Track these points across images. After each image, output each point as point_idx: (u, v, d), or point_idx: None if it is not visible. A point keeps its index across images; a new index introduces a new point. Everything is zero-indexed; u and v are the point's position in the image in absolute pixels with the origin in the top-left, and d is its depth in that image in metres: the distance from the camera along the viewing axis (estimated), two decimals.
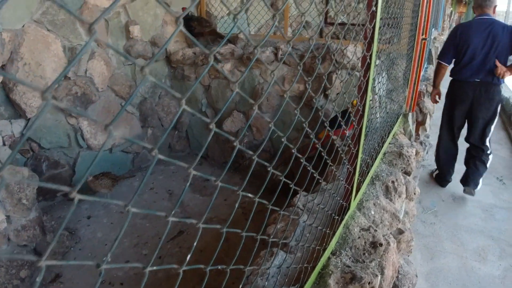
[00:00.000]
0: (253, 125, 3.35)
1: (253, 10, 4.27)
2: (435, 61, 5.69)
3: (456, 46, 3.17)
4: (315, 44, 3.10)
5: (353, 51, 2.75)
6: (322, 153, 1.33)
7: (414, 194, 2.21)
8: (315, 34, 1.09)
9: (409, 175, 2.25)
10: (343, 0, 1.62)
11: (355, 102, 2.68)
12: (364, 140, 1.65)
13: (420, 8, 2.85)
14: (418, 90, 3.89)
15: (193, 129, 3.85)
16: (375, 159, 2.13)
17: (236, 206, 0.85)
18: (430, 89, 4.33)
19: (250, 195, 0.93)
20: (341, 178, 1.66)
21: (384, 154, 2.39)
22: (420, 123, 4.02)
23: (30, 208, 2.55)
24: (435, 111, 5.80)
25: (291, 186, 1.06)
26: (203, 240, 2.58)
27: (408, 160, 2.27)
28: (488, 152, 3.39)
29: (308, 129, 1.02)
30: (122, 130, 3.61)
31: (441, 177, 3.65)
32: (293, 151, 0.99)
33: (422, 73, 4.79)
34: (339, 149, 1.42)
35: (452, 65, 3.36)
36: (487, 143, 3.34)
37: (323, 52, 1.18)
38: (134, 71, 3.62)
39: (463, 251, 2.91)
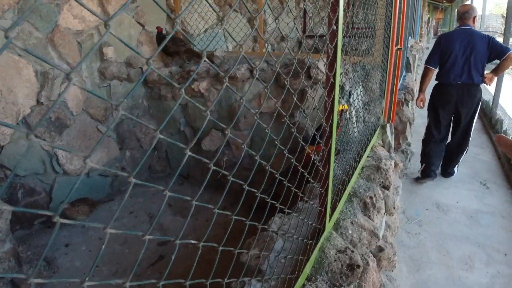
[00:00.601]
0: (232, 143, 3.30)
1: (231, 25, 4.26)
2: (413, 69, 5.73)
3: (440, 52, 3.51)
4: (291, 59, 3.08)
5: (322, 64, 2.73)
6: (300, 169, 1.30)
7: (394, 208, 2.16)
8: (285, 49, 1.05)
9: (387, 189, 2.21)
10: (319, 13, 1.60)
11: (339, 109, 2.65)
12: (335, 159, 1.60)
13: (392, 19, 2.86)
14: (397, 99, 3.89)
15: (172, 149, 3.78)
16: (352, 175, 2.09)
17: (211, 224, 0.86)
18: (408, 97, 4.34)
19: (228, 213, 0.89)
20: (316, 200, 1.61)
21: (362, 168, 2.35)
22: (400, 132, 4.02)
23: (3, 240, 2.45)
24: (416, 118, 5.84)
25: (276, 205, 1.07)
26: (185, 265, 2.49)
27: (386, 174, 2.22)
28: (467, 148, 3.86)
29: (280, 146, 1.00)
30: (99, 154, 3.51)
31: (427, 170, 3.84)
32: (267, 167, 0.99)
33: (400, 82, 4.81)
34: (317, 164, 1.38)
35: (437, 70, 3.70)
36: (469, 141, 3.77)
37: (292, 68, 1.14)
38: (110, 93, 3.54)
39: (449, 260, 2.87)
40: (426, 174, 3.85)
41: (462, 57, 3.36)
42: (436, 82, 3.64)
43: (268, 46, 4.84)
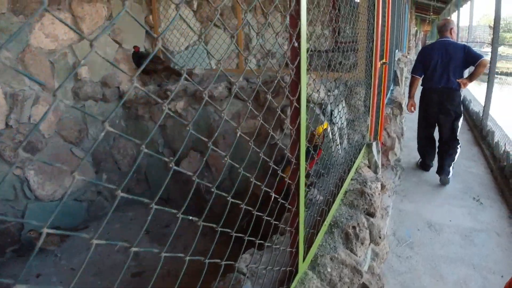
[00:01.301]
0: (212, 165, 3.10)
1: (213, 42, 4.10)
2: (401, 82, 5.60)
3: (423, 62, 3.92)
4: (271, 76, 2.90)
5: (308, 82, 2.55)
6: (278, 199, 1.13)
7: (380, 237, 1.96)
8: (265, 65, 0.86)
9: (373, 216, 2.01)
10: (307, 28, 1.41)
11: (320, 129, 2.46)
12: (315, 185, 1.41)
13: (375, 32, 2.70)
14: (384, 114, 3.72)
15: (151, 170, 3.57)
16: (333, 203, 1.89)
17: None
18: (397, 112, 4.18)
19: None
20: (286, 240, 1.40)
21: (345, 193, 2.15)
22: (389, 148, 3.84)
23: None
24: (406, 132, 5.68)
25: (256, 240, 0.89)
26: None
27: (371, 200, 2.03)
28: (458, 145, 4.05)
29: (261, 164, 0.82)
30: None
31: (424, 163, 4.31)
32: (228, 198, 0.95)
33: (387, 96, 4.66)
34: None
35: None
36: (458, 138, 4.02)
37: (273, 85, 0.97)
38: (84, 114, 3.35)
39: (443, 286, 2.65)
40: (423, 166, 4.34)
41: (441, 65, 3.75)
42: (422, 87, 4.08)
43: (249, 62, 4.68)
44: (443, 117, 3.90)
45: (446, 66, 3.71)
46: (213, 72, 3.37)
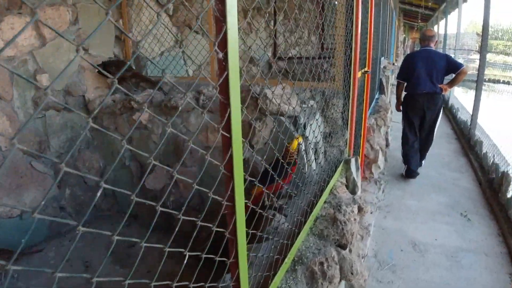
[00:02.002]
0: (179, 181, 2.81)
1: (191, 47, 3.81)
2: (387, 90, 5.34)
3: (408, 68, 4.07)
4: (242, 86, 2.61)
5: (279, 94, 2.27)
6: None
7: (352, 274, 1.67)
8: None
9: (344, 248, 1.72)
10: (293, 33, 1.14)
11: (295, 144, 2.18)
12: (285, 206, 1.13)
13: (354, 40, 2.43)
14: (366, 126, 3.45)
15: (119, 184, 3.26)
16: (298, 235, 1.60)
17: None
18: (381, 122, 3.91)
19: None
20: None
21: (316, 220, 1.86)
22: (372, 161, 3.56)
23: None
24: (392, 142, 5.41)
25: None
26: None
27: (343, 229, 1.74)
28: (432, 143, 4.35)
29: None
30: (33, 193, 2.98)
31: (410, 170, 4.23)
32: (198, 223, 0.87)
33: (372, 105, 4.39)
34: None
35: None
36: (434, 136, 4.29)
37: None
38: (45, 125, 3.03)
39: None
40: (409, 174, 4.25)
41: (425, 72, 3.94)
42: (405, 93, 4.20)
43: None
44: (426, 119, 4.12)
45: (430, 73, 3.93)
46: (184, 80, 3.08)
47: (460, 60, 7.68)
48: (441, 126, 6.61)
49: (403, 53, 12.13)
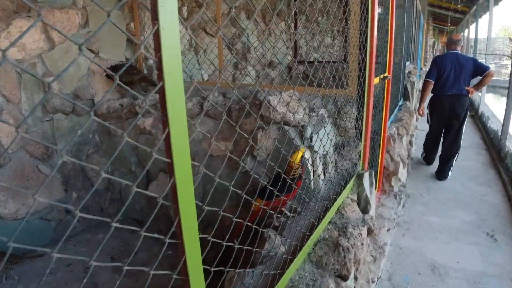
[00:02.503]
0: None
1: (207, 51, 3.64)
2: (411, 97, 4.97)
3: (437, 69, 4.11)
4: (249, 91, 2.41)
5: (286, 101, 2.04)
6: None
7: None
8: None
9: (345, 280, 1.47)
10: (315, 36, 0.96)
11: (297, 157, 1.95)
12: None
13: (369, 43, 2.17)
14: (386, 135, 3.16)
15: (127, 189, 3.14)
16: (290, 264, 1.37)
17: None
18: (403, 131, 3.59)
19: None
20: None
21: (316, 244, 1.63)
22: (391, 173, 3.26)
23: None
24: (416, 151, 5.03)
25: None
26: None
27: (345, 257, 1.50)
28: (458, 152, 4.30)
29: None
30: (40, 196, 2.89)
31: (428, 157, 4.58)
32: None
33: (394, 113, 4.06)
34: None
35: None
36: (460, 144, 4.27)
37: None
38: (53, 128, 2.95)
39: None
40: (427, 160, 4.60)
41: (453, 74, 3.99)
42: (432, 95, 4.23)
43: (245, 73, 4.20)
44: (452, 121, 4.12)
45: (458, 75, 3.97)
46: (189, 85, 2.91)
47: (492, 66, 7.22)
48: (470, 135, 6.13)
49: (431, 58, 11.54)
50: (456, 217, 3.41)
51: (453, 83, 3.97)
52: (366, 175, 2.25)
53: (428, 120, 4.45)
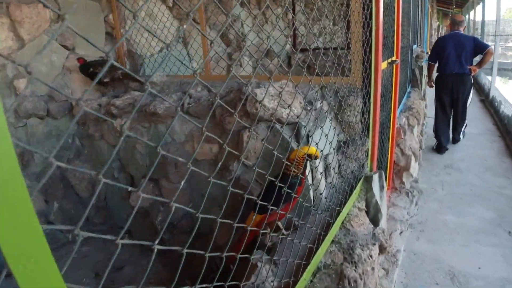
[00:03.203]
0: (168, 198, 2.28)
1: (196, 42, 3.25)
2: (420, 83, 4.52)
3: (439, 51, 4.16)
4: (237, 83, 2.03)
5: (277, 94, 1.66)
6: None
7: None
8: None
9: None
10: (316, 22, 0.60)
11: (299, 153, 1.57)
12: None
13: (375, 20, 1.76)
14: (396, 126, 2.75)
15: (112, 197, 2.79)
16: None
17: None
18: (413, 122, 3.17)
19: None
20: None
21: (316, 273, 1.25)
22: (403, 169, 2.85)
23: None
24: (428, 141, 4.59)
25: None
26: None
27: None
28: (465, 123, 4.51)
29: None
30: None
31: (440, 146, 4.37)
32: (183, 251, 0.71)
33: (403, 101, 3.63)
34: None
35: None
36: (466, 116, 4.44)
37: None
38: (27, 134, 2.61)
39: None
40: (439, 149, 4.37)
41: (454, 54, 4.03)
42: (437, 73, 4.30)
43: (241, 65, 3.79)
44: (456, 98, 4.20)
45: (459, 54, 4.01)
46: (177, 80, 2.54)
47: (499, 49, 6.81)
48: (482, 121, 5.65)
49: None
50: (474, 214, 3.00)
51: (455, 62, 4.04)
52: (375, 177, 1.86)
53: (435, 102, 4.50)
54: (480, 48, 4.01)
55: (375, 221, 1.78)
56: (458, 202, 3.18)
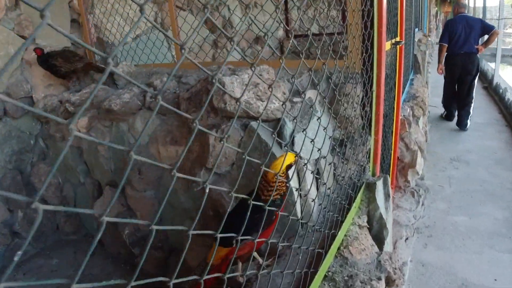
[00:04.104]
0: (135, 209, 1.89)
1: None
2: (423, 69, 4.06)
3: (449, 32, 4.24)
4: (211, 71, 1.59)
5: (252, 83, 1.24)
6: None
7: None
8: None
9: None
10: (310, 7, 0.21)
11: (279, 164, 1.12)
12: None
13: None
14: (400, 118, 2.33)
15: (82, 203, 2.40)
16: None
17: None
18: (419, 112, 2.75)
19: None
20: None
21: None
22: (408, 165, 2.44)
23: None
24: (431, 132, 4.16)
25: None
26: None
27: None
28: (472, 101, 4.35)
29: None
30: None
31: (448, 115, 4.66)
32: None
33: (406, 89, 3.19)
34: None
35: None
36: (473, 95, 4.34)
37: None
38: None
39: None
40: (448, 117, 4.67)
41: (463, 35, 4.13)
42: (447, 53, 4.35)
43: (185, 52, 3.33)
44: (465, 76, 4.24)
45: (468, 35, 4.12)
46: (146, 69, 2.12)
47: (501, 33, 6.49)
48: (487, 110, 5.20)
49: (435, 28, 10.41)
50: (487, 214, 2.60)
51: (464, 42, 4.14)
52: (379, 184, 1.45)
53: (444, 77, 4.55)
54: (487, 28, 4.16)
55: (379, 240, 1.38)
56: (469, 200, 2.77)
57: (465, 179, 3.10)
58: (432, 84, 5.72)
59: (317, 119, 1.11)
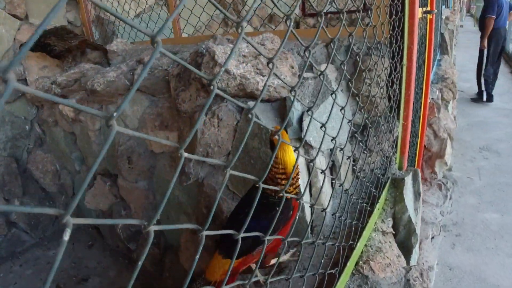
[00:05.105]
0: (129, 201, 1.67)
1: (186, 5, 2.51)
2: (450, 49, 3.63)
3: (497, 5, 4.03)
4: (201, 46, 1.32)
5: (248, 54, 0.96)
6: None
7: None
8: None
9: None
10: None
11: (286, 152, 0.83)
12: None
13: None
14: (428, 101, 2.00)
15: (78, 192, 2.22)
16: None
17: None
18: (449, 95, 2.39)
19: None
20: None
21: None
22: (435, 155, 2.11)
23: None
24: (459, 117, 3.75)
25: None
26: None
27: None
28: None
29: None
30: None
31: (489, 95, 4.32)
32: None
33: (433, 70, 2.81)
34: None
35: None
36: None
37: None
38: None
39: None
40: (489, 98, 4.32)
41: (506, 9, 4.12)
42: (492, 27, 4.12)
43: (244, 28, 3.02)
44: (501, 52, 4.26)
45: (507, 10, 4.12)
46: (142, 46, 1.86)
47: None
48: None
49: (459, 10, 9.68)
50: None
51: (506, 17, 4.16)
52: (408, 180, 1.15)
53: (484, 52, 4.31)
54: None
55: (406, 248, 1.10)
56: (500, 195, 2.42)
57: (495, 170, 2.74)
58: (457, 68, 5.25)
59: (333, 98, 0.82)
